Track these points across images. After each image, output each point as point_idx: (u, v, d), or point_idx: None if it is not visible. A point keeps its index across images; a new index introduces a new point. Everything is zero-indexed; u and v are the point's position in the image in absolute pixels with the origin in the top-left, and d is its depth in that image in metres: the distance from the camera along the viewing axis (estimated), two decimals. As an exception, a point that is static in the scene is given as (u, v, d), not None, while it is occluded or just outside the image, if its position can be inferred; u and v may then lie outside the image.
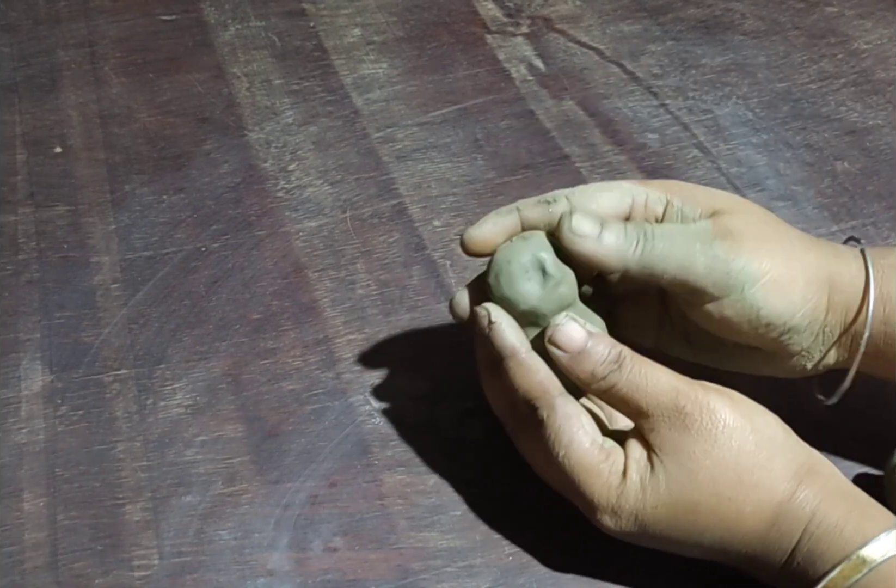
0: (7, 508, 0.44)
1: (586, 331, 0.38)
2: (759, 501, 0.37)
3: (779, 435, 0.38)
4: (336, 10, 0.70)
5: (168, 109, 0.63)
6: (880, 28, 0.67)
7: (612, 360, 0.38)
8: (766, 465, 0.37)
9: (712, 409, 0.37)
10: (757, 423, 0.38)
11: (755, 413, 0.38)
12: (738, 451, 0.37)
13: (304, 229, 0.56)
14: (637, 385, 0.37)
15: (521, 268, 0.39)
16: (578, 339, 0.38)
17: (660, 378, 0.38)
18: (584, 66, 0.65)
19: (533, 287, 0.39)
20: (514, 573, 0.42)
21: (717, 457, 0.37)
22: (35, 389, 0.48)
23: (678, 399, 0.37)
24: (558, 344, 0.38)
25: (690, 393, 0.37)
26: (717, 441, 0.37)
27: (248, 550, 0.43)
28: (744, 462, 0.37)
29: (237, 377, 0.49)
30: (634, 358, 0.38)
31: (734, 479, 0.37)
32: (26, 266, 0.54)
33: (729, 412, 0.37)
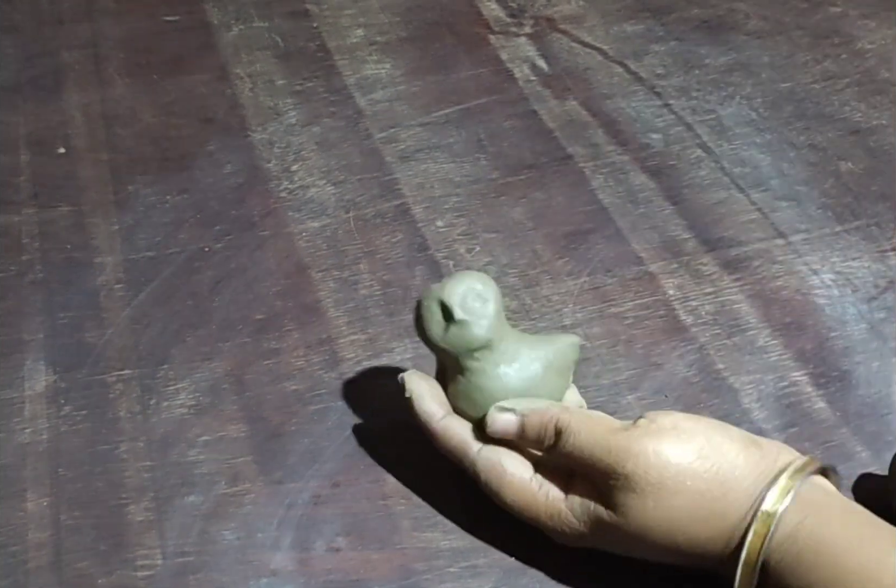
0: (11, 508, 0.44)
1: (517, 418, 0.40)
2: (716, 529, 0.37)
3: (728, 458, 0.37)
4: (339, 11, 0.70)
5: (171, 110, 0.63)
6: (884, 28, 0.67)
7: (549, 435, 0.39)
8: (721, 498, 0.37)
9: (654, 464, 0.37)
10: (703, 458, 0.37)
11: (701, 443, 0.37)
12: (688, 495, 0.37)
13: (307, 230, 0.56)
14: (577, 455, 0.38)
15: (429, 312, 0.41)
16: (512, 429, 0.40)
17: (594, 443, 0.38)
18: (587, 66, 0.65)
19: (436, 329, 0.41)
20: (517, 574, 0.42)
21: (667, 507, 0.37)
22: (38, 390, 0.48)
23: (617, 461, 0.37)
24: (496, 435, 0.41)
25: (629, 449, 0.37)
26: (665, 492, 0.37)
27: (251, 550, 0.43)
28: (697, 504, 0.37)
29: (240, 377, 0.49)
30: (573, 425, 0.39)
31: (688, 518, 0.37)
32: (30, 267, 0.54)
33: (672, 458, 0.37)
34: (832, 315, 0.51)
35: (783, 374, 0.48)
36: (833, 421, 0.47)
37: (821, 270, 0.53)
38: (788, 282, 0.52)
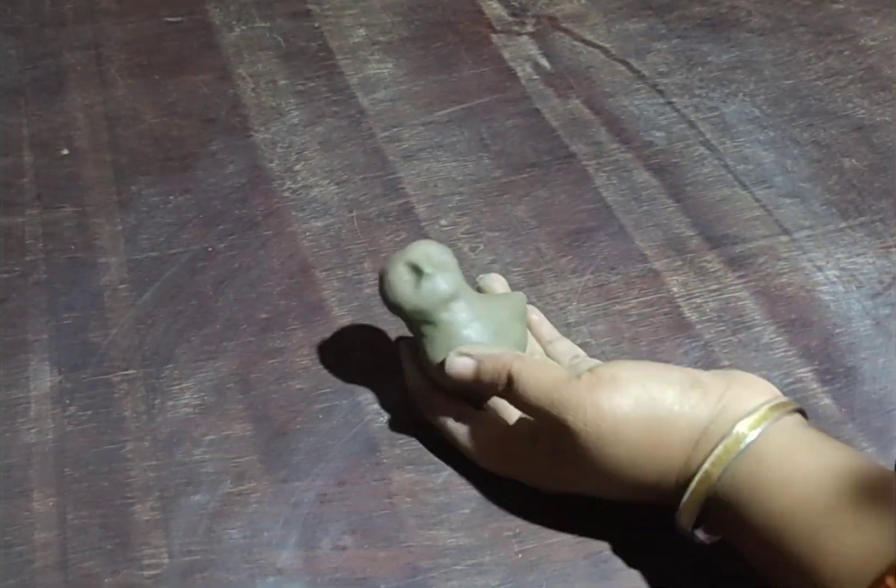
0: (17, 508, 0.44)
1: (473, 363, 0.42)
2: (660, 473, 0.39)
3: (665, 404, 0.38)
4: (341, 11, 0.70)
5: (174, 111, 0.63)
6: (886, 24, 0.67)
7: (502, 381, 0.41)
8: (659, 444, 0.38)
9: (591, 416, 0.38)
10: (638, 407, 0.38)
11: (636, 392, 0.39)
12: (627, 444, 0.38)
13: (310, 229, 0.56)
14: (525, 402, 0.40)
15: (397, 275, 0.43)
16: (468, 373, 0.42)
17: (539, 393, 0.40)
18: (589, 64, 0.65)
19: (407, 288, 0.43)
20: (523, 571, 0.42)
21: (608, 455, 0.39)
22: (44, 390, 0.48)
23: (559, 412, 0.39)
24: (452, 378, 0.42)
25: (568, 401, 0.39)
26: (604, 442, 0.38)
27: (257, 549, 0.43)
28: (636, 451, 0.38)
29: (245, 376, 0.49)
30: (523, 374, 0.40)
31: (630, 465, 0.39)
32: (34, 267, 0.54)
33: (608, 409, 0.38)
34: (837, 311, 0.51)
35: (788, 370, 0.48)
36: (839, 417, 0.46)
37: (825, 267, 0.53)
38: (793, 278, 0.52)
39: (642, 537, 0.42)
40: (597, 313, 0.51)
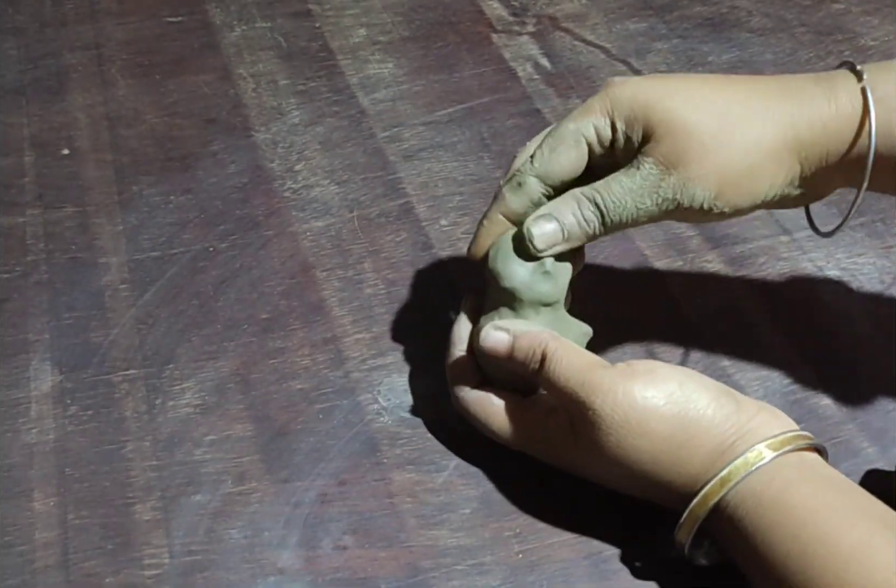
0: (18, 508, 0.44)
1: (509, 338, 0.41)
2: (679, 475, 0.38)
3: (697, 406, 0.38)
4: (341, 11, 0.70)
5: (175, 111, 0.63)
6: (887, 24, 0.67)
7: (536, 359, 0.40)
8: (685, 444, 0.38)
9: (621, 403, 0.38)
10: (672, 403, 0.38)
11: (671, 388, 0.38)
12: (653, 438, 0.38)
13: (311, 229, 0.56)
14: (554, 382, 0.40)
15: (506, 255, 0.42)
16: (502, 347, 0.41)
17: (571, 374, 0.39)
18: (590, 64, 0.65)
19: (522, 270, 0.41)
20: (524, 571, 0.42)
21: (630, 446, 0.38)
22: (45, 390, 0.48)
23: (588, 395, 0.38)
24: (486, 351, 0.42)
25: (600, 386, 0.38)
26: (630, 433, 0.38)
27: (258, 549, 0.43)
28: (660, 448, 0.38)
29: (246, 377, 0.49)
30: (558, 354, 0.40)
31: (651, 461, 0.38)
32: (35, 267, 0.54)
33: (639, 399, 0.38)
34: (837, 311, 0.51)
35: (789, 370, 0.48)
36: (839, 417, 0.46)
37: (826, 267, 0.53)
38: (793, 278, 0.52)
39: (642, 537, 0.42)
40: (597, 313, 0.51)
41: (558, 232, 0.41)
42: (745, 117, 0.39)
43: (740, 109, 0.39)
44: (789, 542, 0.35)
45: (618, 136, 0.40)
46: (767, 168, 0.39)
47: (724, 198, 0.39)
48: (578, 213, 0.41)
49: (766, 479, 0.37)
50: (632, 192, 0.40)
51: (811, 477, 0.37)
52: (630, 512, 0.43)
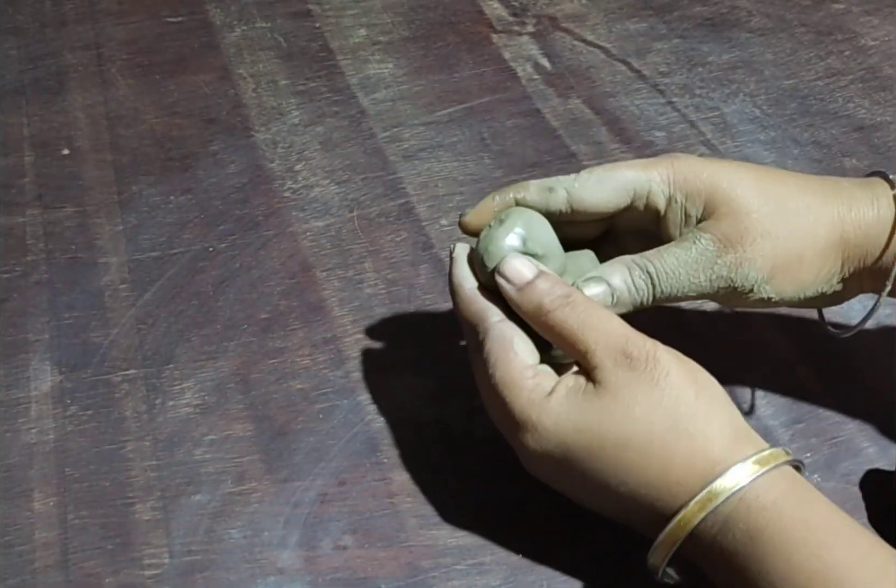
0: (18, 508, 0.44)
1: (536, 267, 0.39)
2: (692, 451, 0.36)
3: (720, 396, 0.38)
4: (341, 11, 0.70)
5: (175, 111, 0.63)
6: (887, 24, 0.67)
7: (561, 294, 0.38)
8: (705, 417, 0.36)
9: (658, 358, 0.37)
10: (700, 381, 0.38)
11: (700, 372, 0.38)
12: (677, 399, 0.36)
13: (311, 229, 0.56)
14: (587, 323, 0.37)
15: (507, 231, 0.40)
16: (526, 273, 0.39)
17: (611, 322, 0.38)
18: (590, 64, 0.65)
19: (513, 242, 0.40)
20: (525, 571, 0.42)
21: (656, 399, 0.36)
22: (44, 390, 0.48)
23: (627, 344, 0.37)
24: (506, 276, 0.39)
25: (639, 341, 0.37)
26: (658, 385, 0.36)
27: (258, 549, 0.43)
28: (682, 410, 0.36)
29: (246, 376, 0.49)
30: (587, 300, 0.38)
31: (670, 423, 0.36)
32: (35, 267, 0.54)
33: (674, 365, 0.37)
34: (838, 311, 0.51)
35: (789, 370, 0.48)
36: (840, 417, 0.46)
37: (826, 267, 0.53)
38: (793, 278, 0.52)
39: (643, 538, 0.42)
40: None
41: (608, 296, 0.40)
42: (799, 210, 0.41)
43: (795, 203, 0.41)
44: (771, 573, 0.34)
45: (673, 206, 0.41)
46: (815, 260, 0.41)
47: (773, 282, 0.40)
48: (629, 279, 0.40)
49: (745, 506, 0.35)
50: (686, 264, 0.40)
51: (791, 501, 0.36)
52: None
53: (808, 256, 0.40)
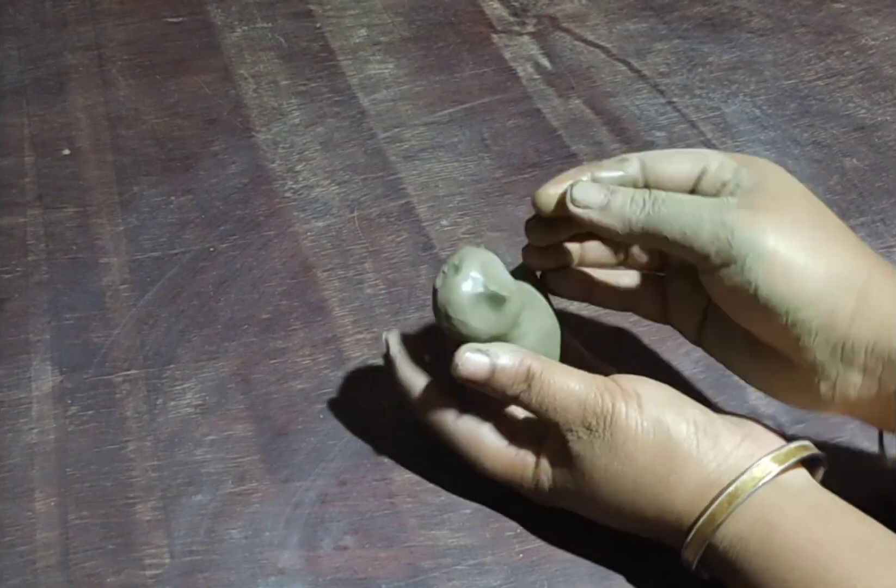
0: (19, 508, 0.44)
1: (489, 360, 0.39)
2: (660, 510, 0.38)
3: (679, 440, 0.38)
4: (342, 11, 0.70)
5: (175, 111, 0.63)
6: (887, 24, 0.67)
7: (520, 380, 0.39)
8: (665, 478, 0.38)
9: (616, 423, 0.38)
10: (658, 432, 0.38)
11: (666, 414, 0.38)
12: (636, 466, 0.38)
13: (312, 229, 0.56)
14: (548, 403, 0.38)
15: (465, 276, 0.38)
16: (482, 372, 0.39)
17: (568, 393, 0.38)
18: (590, 64, 0.65)
19: (474, 288, 0.38)
20: (525, 571, 0.42)
21: (616, 472, 0.38)
22: (45, 390, 0.48)
23: (584, 414, 0.38)
24: (464, 379, 0.39)
25: (597, 406, 0.38)
26: (618, 456, 0.38)
27: (258, 549, 0.43)
28: (642, 478, 0.38)
29: (246, 377, 0.49)
30: (544, 374, 0.38)
31: (633, 489, 0.38)
32: (35, 267, 0.54)
33: (634, 422, 0.38)
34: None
35: (789, 370, 0.48)
36: (840, 417, 0.46)
37: (826, 267, 0.53)
38: (794, 278, 0.52)
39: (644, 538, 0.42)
40: (599, 313, 0.51)
41: (601, 196, 0.38)
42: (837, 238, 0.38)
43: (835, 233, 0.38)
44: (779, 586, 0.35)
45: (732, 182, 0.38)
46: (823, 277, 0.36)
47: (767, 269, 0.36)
48: (629, 191, 0.38)
49: (750, 520, 0.36)
50: (696, 202, 0.37)
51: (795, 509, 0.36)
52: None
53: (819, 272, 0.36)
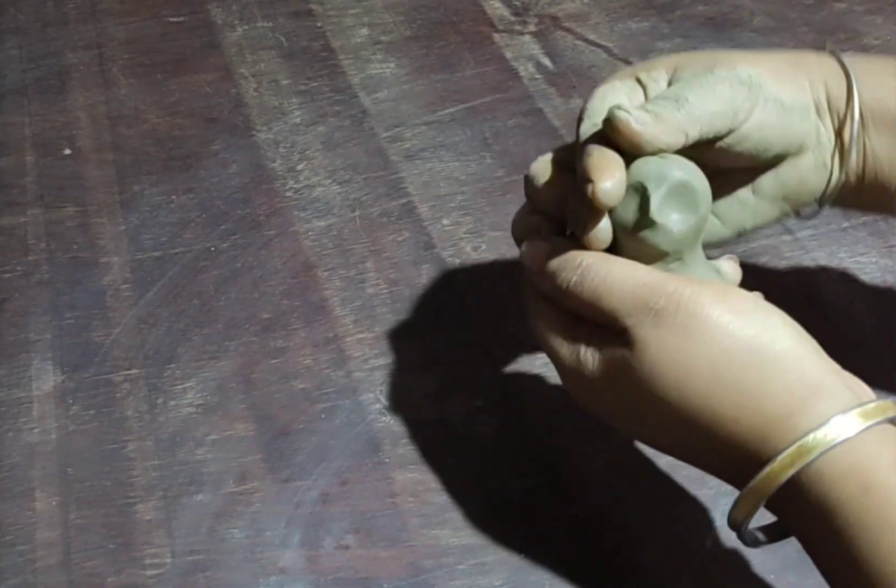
0: (19, 508, 0.44)
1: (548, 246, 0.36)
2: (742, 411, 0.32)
3: (776, 334, 0.32)
4: (343, 10, 0.70)
5: (176, 110, 0.63)
6: (890, 24, 0.67)
7: (571, 268, 0.34)
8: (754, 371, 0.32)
9: (690, 303, 0.32)
10: (745, 321, 0.32)
11: (747, 307, 0.33)
12: (714, 350, 0.32)
13: (313, 229, 0.56)
14: (602, 289, 0.34)
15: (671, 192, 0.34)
16: (538, 257, 0.36)
17: (627, 278, 0.33)
18: (592, 63, 0.65)
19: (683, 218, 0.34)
20: (526, 570, 0.42)
21: (687, 353, 0.32)
22: (46, 389, 0.48)
23: (650, 296, 0.33)
24: (524, 265, 0.36)
25: (664, 287, 0.33)
26: (689, 336, 0.32)
27: (260, 549, 0.43)
28: (723, 366, 0.32)
29: (247, 376, 0.49)
30: (600, 263, 0.34)
31: (710, 376, 0.32)
32: (36, 267, 0.54)
33: (707, 306, 0.32)
34: (840, 311, 0.51)
35: (791, 370, 0.48)
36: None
37: (828, 266, 0.53)
38: (796, 278, 0.52)
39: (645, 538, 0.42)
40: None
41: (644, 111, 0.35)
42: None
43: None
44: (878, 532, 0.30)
45: None
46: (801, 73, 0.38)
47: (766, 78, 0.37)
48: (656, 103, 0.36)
49: (853, 455, 0.31)
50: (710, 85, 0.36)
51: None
52: (633, 512, 0.43)
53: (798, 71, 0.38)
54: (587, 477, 0.45)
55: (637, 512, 0.43)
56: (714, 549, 0.41)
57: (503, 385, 0.48)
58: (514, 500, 0.44)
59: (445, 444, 0.46)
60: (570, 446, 0.46)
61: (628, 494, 0.44)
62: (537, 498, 0.44)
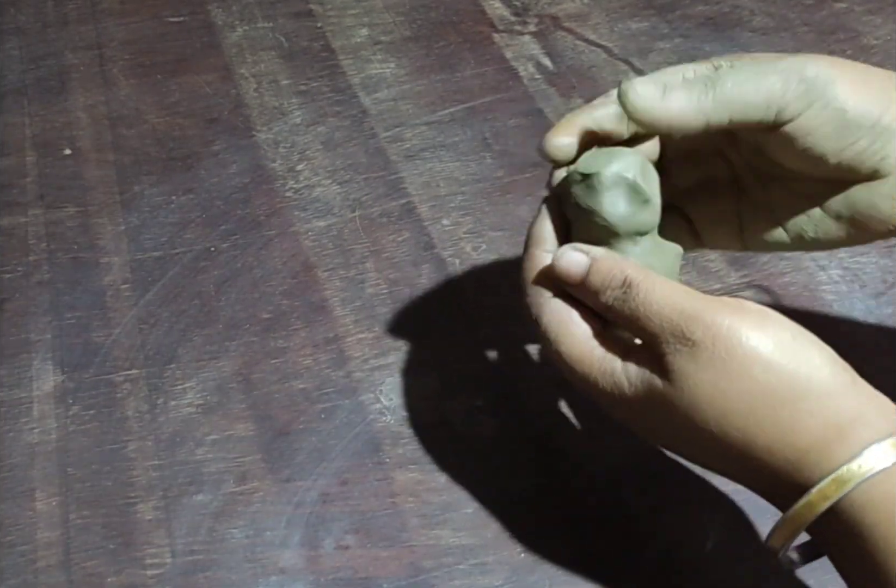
0: (20, 508, 0.44)
1: (587, 258, 0.35)
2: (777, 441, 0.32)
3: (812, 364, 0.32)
4: (343, 11, 0.70)
5: (176, 110, 0.63)
6: (890, 23, 0.67)
7: (615, 286, 0.34)
8: (790, 405, 0.32)
9: (728, 337, 0.32)
10: (782, 352, 0.32)
11: (784, 337, 0.32)
12: (752, 384, 0.32)
13: (313, 229, 0.56)
14: (641, 312, 0.34)
15: (612, 180, 0.35)
16: (578, 269, 0.35)
17: (666, 303, 0.33)
18: (592, 64, 0.65)
19: (619, 204, 0.36)
20: (527, 570, 0.42)
21: (725, 388, 0.32)
22: (47, 389, 0.48)
23: (688, 325, 0.32)
24: (559, 276, 0.36)
25: (703, 316, 0.32)
26: (728, 371, 0.32)
27: (259, 548, 0.43)
28: (760, 399, 0.32)
29: (247, 376, 0.49)
30: (642, 281, 0.34)
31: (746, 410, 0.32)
32: (37, 267, 0.54)
33: (745, 338, 0.32)
34: (840, 311, 0.51)
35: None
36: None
37: (828, 266, 0.53)
38: (796, 278, 0.52)
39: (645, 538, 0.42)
40: (599, 313, 0.51)
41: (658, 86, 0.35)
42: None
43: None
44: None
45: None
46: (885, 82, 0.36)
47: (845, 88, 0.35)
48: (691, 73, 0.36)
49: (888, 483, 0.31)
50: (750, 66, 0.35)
51: None
52: (633, 512, 0.43)
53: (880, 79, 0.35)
54: (587, 477, 0.45)
55: (637, 512, 0.43)
56: (714, 550, 0.41)
57: (503, 385, 0.48)
58: (514, 500, 0.44)
59: (445, 444, 0.46)
60: (569, 446, 0.46)
61: (628, 494, 0.44)
62: (537, 498, 0.44)
